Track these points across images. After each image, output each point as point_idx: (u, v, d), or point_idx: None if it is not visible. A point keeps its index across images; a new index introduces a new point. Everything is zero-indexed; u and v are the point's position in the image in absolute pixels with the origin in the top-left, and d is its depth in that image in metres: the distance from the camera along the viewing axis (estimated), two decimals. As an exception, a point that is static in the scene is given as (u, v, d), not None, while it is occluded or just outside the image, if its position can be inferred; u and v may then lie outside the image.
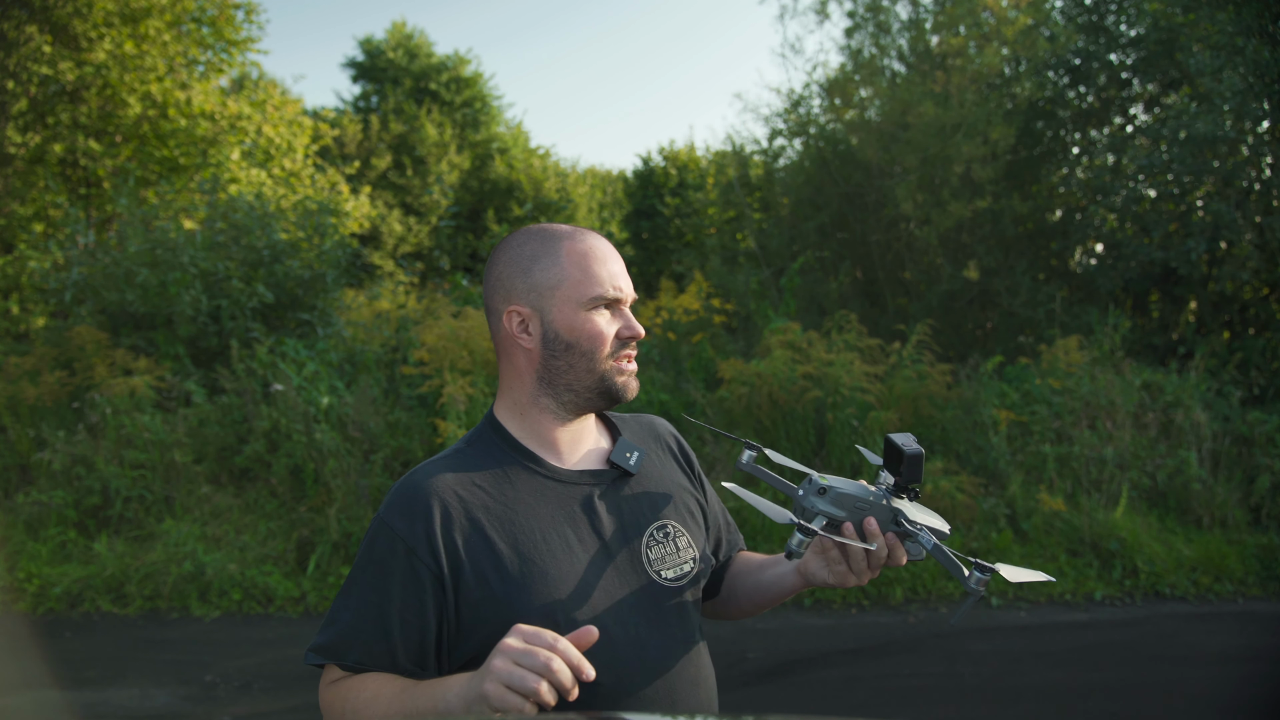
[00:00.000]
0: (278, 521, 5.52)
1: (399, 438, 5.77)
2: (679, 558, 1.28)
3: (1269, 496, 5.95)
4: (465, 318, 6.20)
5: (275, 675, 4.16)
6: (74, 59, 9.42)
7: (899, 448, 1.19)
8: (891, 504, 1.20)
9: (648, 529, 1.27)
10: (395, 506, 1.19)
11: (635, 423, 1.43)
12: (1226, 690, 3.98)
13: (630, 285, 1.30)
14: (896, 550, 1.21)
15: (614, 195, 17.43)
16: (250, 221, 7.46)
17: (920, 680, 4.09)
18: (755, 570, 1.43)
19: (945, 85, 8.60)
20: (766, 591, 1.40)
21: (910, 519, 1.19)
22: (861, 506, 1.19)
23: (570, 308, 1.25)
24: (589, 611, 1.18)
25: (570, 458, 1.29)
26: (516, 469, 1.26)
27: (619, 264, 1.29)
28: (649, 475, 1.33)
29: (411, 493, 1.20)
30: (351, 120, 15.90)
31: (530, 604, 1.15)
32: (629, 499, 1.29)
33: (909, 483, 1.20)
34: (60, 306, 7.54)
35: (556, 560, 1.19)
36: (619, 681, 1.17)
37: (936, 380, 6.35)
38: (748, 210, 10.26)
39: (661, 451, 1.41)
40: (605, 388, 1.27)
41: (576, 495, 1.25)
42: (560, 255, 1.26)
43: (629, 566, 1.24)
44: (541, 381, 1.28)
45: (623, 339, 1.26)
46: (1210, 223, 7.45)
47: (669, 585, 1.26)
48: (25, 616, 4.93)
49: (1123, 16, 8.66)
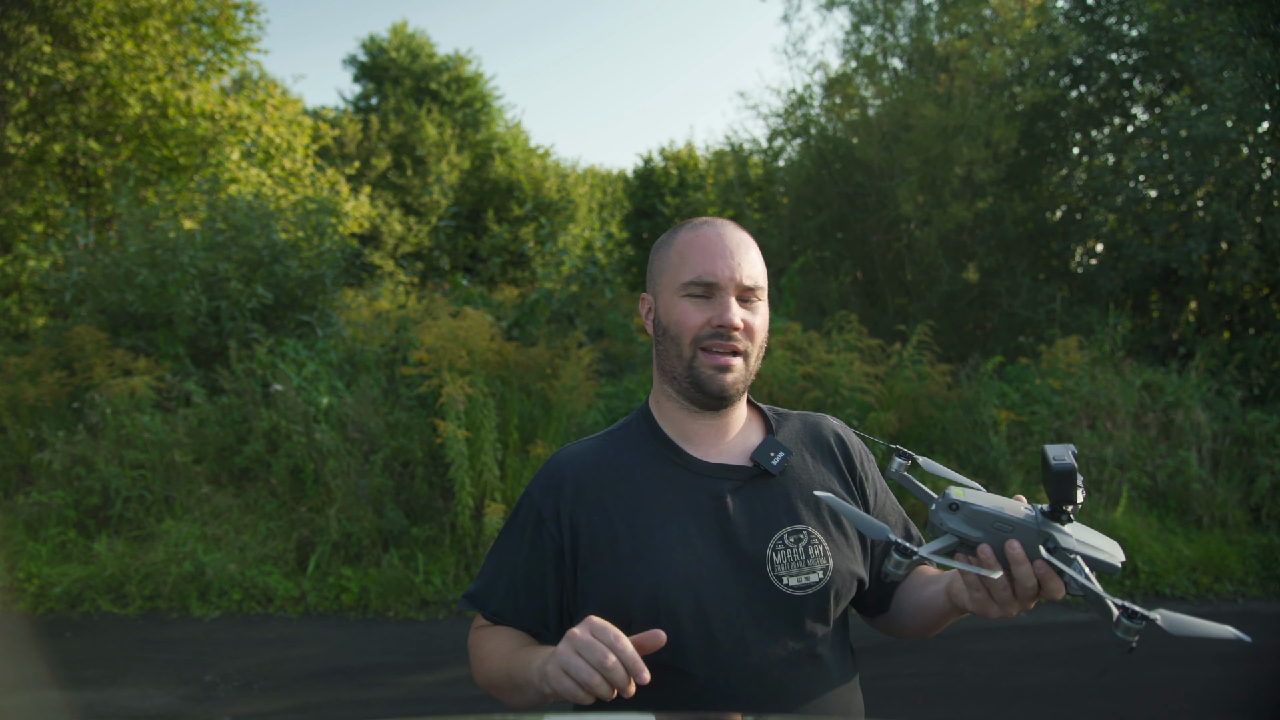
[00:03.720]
0: (278, 521, 5.52)
1: (399, 438, 5.76)
2: (806, 566, 1.22)
3: (1269, 496, 5.95)
4: (465, 318, 6.19)
5: (275, 675, 4.16)
6: (74, 59, 9.41)
7: (1049, 461, 1.02)
8: (1044, 527, 1.04)
9: (779, 532, 1.23)
10: (539, 478, 1.30)
11: (799, 421, 1.37)
12: (1226, 690, 3.98)
13: (747, 274, 1.23)
14: (1050, 582, 1.03)
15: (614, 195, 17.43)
16: (250, 222, 7.46)
17: (920, 680, 4.09)
18: (919, 587, 1.33)
19: (948, 87, 8.60)
20: (924, 611, 1.29)
21: (1065, 546, 1.03)
22: (1002, 528, 1.04)
23: (669, 294, 1.26)
24: (692, 603, 1.17)
25: (711, 450, 1.28)
26: (654, 457, 1.27)
27: (733, 252, 1.23)
28: (795, 478, 1.28)
29: (553, 468, 1.29)
30: (351, 120, 15.90)
31: (635, 585, 1.17)
32: (765, 499, 1.25)
33: (1059, 502, 1.03)
34: (60, 306, 7.54)
35: (670, 548, 1.19)
36: (712, 678, 1.16)
37: (937, 380, 6.34)
38: (747, 210, 10.25)
39: (819, 454, 1.34)
40: (693, 377, 1.24)
41: (708, 488, 1.24)
42: (674, 243, 1.28)
43: (749, 567, 1.20)
44: (660, 370, 1.31)
45: (714, 327, 1.22)
46: (1211, 223, 7.45)
47: (789, 593, 1.20)
48: (25, 616, 4.93)
49: (1124, 17, 8.65)
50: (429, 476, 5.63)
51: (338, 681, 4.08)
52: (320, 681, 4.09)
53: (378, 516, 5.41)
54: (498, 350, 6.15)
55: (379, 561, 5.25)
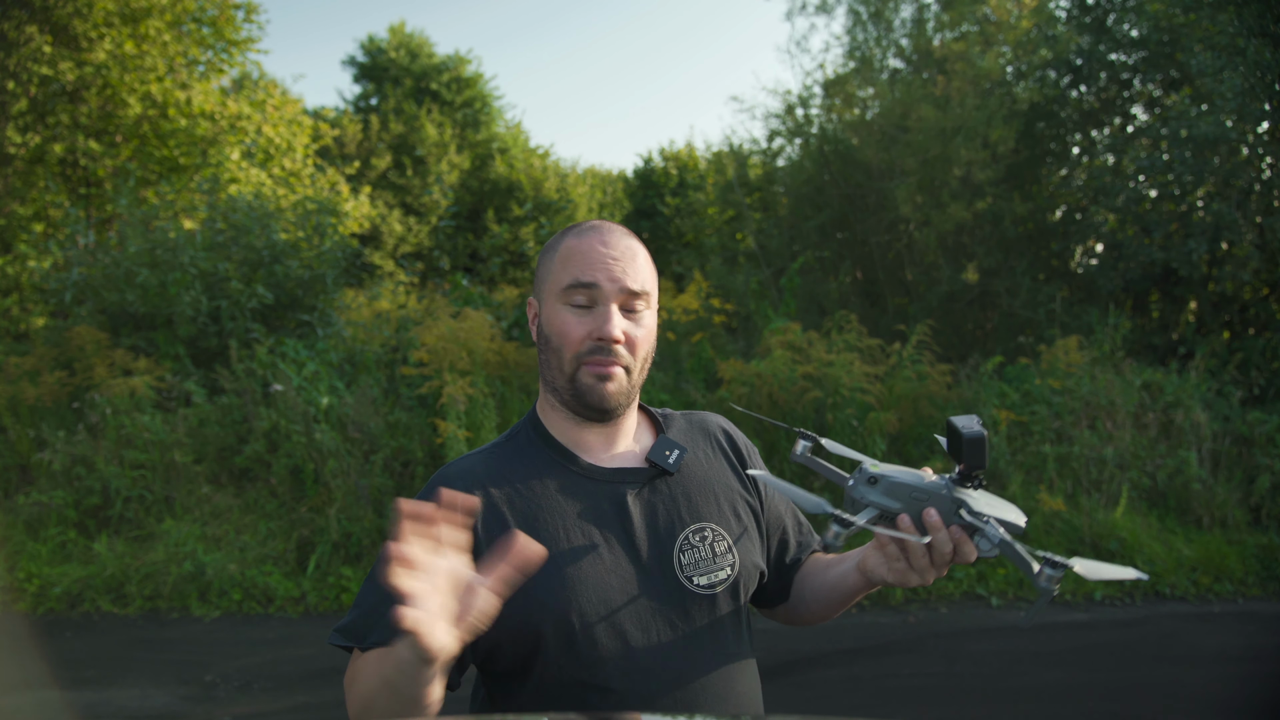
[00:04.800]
0: (278, 521, 5.52)
1: (399, 438, 5.77)
2: (714, 564, 1.21)
3: (1269, 496, 5.95)
4: (465, 318, 6.19)
5: (275, 675, 4.16)
6: (74, 59, 9.41)
7: (958, 430, 1.07)
8: (955, 494, 1.08)
9: (683, 532, 1.21)
10: (425, 495, 1.20)
11: (685, 420, 1.36)
12: (1226, 690, 3.98)
13: (632, 278, 1.19)
14: (963, 545, 1.07)
15: (614, 195, 17.42)
16: (250, 222, 7.46)
17: (920, 680, 4.09)
18: (821, 571, 1.34)
19: (946, 89, 8.61)
20: (831, 593, 1.30)
21: (976, 510, 1.07)
22: (919, 497, 1.08)
23: (551, 300, 1.21)
24: (606, 612, 1.14)
25: (605, 455, 1.24)
26: (549, 465, 1.22)
27: (618, 258, 1.19)
28: (691, 475, 1.26)
29: (442, 483, 1.19)
30: (351, 120, 15.90)
31: (546, 603, 1.12)
32: (665, 499, 1.23)
33: (972, 469, 1.07)
34: (60, 306, 7.54)
35: (577, 559, 1.15)
36: (634, 688, 1.13)
37: (936, 380, 6.34)
38: (747, 210, 10.26)
39: (710, 450, 1.33)
40: (576, 391, 1.20)
41: (608, 494, 1.20)
42: (559, 247, 1.22)
43: (657, 570, 1.18)
44: (543, 379, 1.26)
45: (594, 340, 1.17)
46: (1211, 223, 7.45)
47: (699, 592, 1.19)
48: (25, 616, 4.93)
49: (1124, 17, 8.66)
50: (429, 477, 5.62)
51: (338, 681, 4.06)
52: (320, 681, 4.09)
53: (378, 516, 5.41)
54: (498, 350, 6.15)
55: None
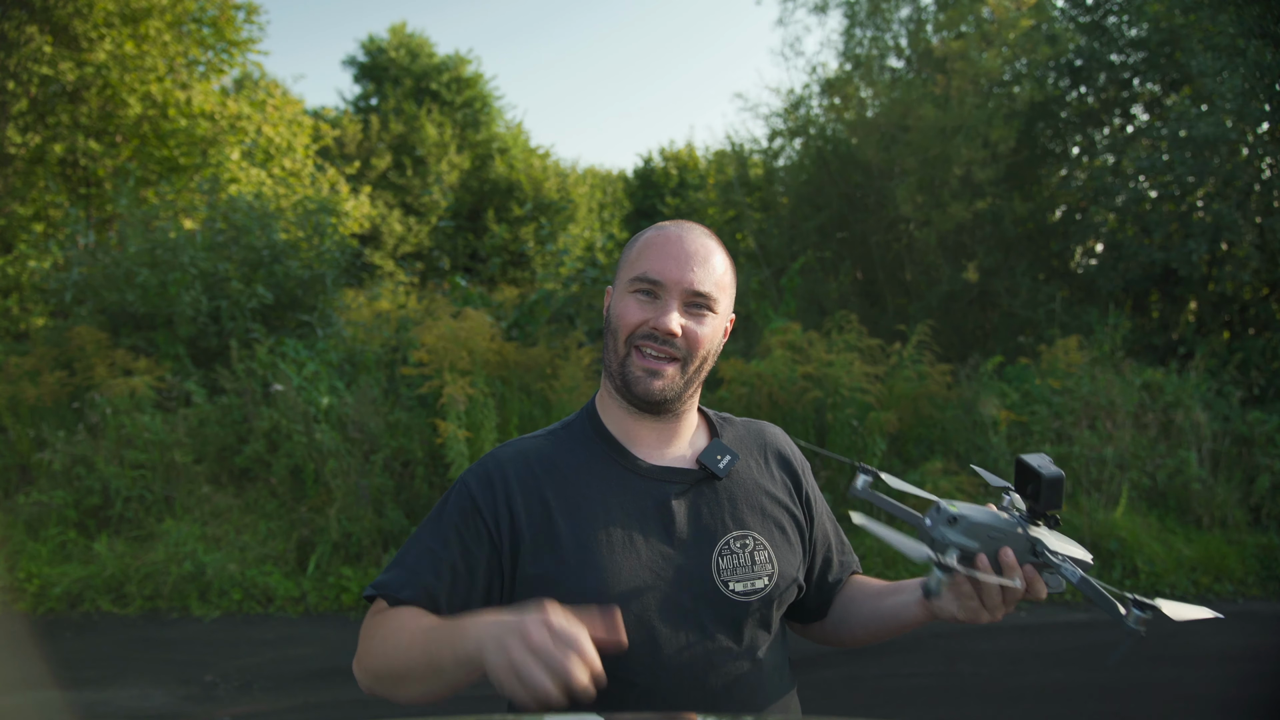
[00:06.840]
0: (278, 521, 5.52)
1: (399, 438, 5.77)
2: (753, 572, 1.21)
3: (1269, 496, 5.96)
4: (465, 318, 6.19)
5: (275, 675, 4.16)
6: (74, 59, 9.41)
7: (1035, 470, 1.07)
8: (1029, 532, 1.08)
9: (724, 537, 1.21)
10: (477, 470, 1.23)
11: (744, 427, 1.36)
12: (1226, 690, 3.98)
13: (699, 279, 1.20)
14: (1035, 583, 1.09)
15: (614, 195, 17.43)
16: (250, 221, 7.47)
17: (920, 680, 4.09)
18: (873, 597, 1.33)
19: (945, 88, 8.61)
20: (887, 621, 1.29)
21: (1051, 549, 1.08)
22: (996, 536, 1.08)
23: (621, 288, 1.24)
24: (637, 608, 1.14)
25: (657, 453, 1.25)
26: (599, 458, 1.23)
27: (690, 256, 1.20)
28: (740, 483, 1.26)
29: (494, 462, 1.23)
30: (351, 120, 15.91)
31: (578, 591, 1.13)
32: (711, 503, 1.23)
33: (1048, 509, 1.08)
34: (60, 306, 7.54)
35: (615, 553, 1.16)
36: (656, 683, 1.13)
37: (936, 380, 6.34)
38: (747, 210, 10.25)
39: (763, 461, 1.32)
40: (624, 375, 1.21)
41: (653, 492, 1.21)
42: (639, 240, 1.26)
43: (695, 571, 1.18)
44: (604, 366, 1.27)
45: (650, 328, 1.19)
46: (1211, 223, 7.45)
47: (734, 598, 1.19)
48: (25, 616, 4.93)
49: (1124, 17, 8.66)
50: (429, 476, 5.63)
51: (338, 681, 4.07)
52: (320, 681, 4.09)
53: (378, 516, 5.41)
54: (498, 350, 6.15)
55: (379, 562, 5.25)
